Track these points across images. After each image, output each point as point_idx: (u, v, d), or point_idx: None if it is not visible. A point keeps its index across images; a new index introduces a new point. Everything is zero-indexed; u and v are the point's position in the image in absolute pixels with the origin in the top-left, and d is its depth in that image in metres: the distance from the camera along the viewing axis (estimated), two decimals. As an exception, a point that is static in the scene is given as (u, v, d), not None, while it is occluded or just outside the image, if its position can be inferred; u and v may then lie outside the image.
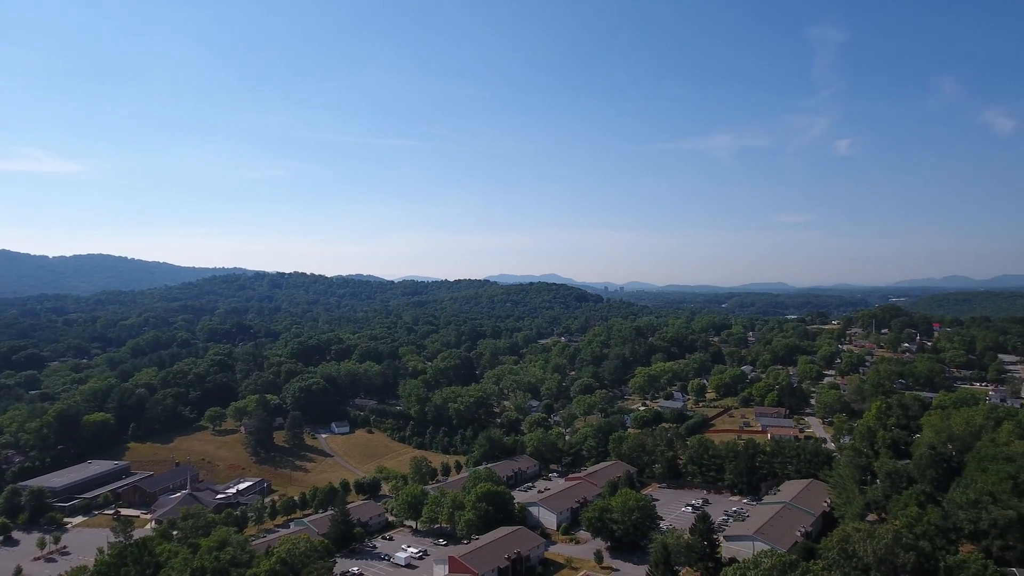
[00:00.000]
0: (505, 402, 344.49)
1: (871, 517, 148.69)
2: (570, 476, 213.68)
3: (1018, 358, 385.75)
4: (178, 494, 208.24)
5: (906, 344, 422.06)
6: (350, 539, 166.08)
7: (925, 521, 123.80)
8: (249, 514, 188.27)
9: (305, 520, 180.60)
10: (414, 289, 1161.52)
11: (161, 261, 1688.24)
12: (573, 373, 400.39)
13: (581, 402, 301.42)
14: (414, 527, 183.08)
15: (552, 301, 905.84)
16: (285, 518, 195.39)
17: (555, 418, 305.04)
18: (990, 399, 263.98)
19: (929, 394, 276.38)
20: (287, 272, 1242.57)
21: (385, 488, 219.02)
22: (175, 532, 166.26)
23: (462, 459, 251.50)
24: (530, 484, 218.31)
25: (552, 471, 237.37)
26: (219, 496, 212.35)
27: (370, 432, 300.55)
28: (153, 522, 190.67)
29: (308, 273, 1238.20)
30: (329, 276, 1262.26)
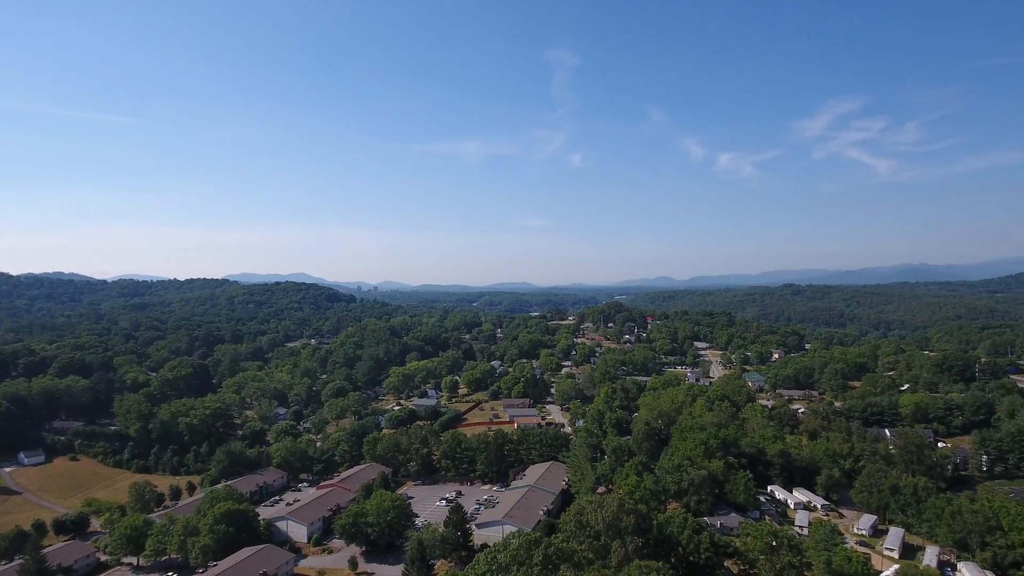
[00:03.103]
0: (248, 412, 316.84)
1: (601, 489, 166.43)
2: (322, 484, 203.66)
3: (708, 344, 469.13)
4: None
5: (627, 336, 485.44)
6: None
7: (642, 487, 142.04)
8: None
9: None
10: (134, 290, 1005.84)
11: None
12: (324, 376, 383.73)
13: (333, 406, 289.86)
14: (136, 563, 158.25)
15: (301, 302, 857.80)
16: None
17: (305, 425, 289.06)
18: (688, 379, 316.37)
19: (644, 378, 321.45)
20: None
21: (97, 523, 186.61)
22: None
23: (196, 479, 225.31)
24: (277, 497, 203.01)
25: (302, 481, 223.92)
26: None
27: (75, 459, 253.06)
28: None
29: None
30: (14, 274, 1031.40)
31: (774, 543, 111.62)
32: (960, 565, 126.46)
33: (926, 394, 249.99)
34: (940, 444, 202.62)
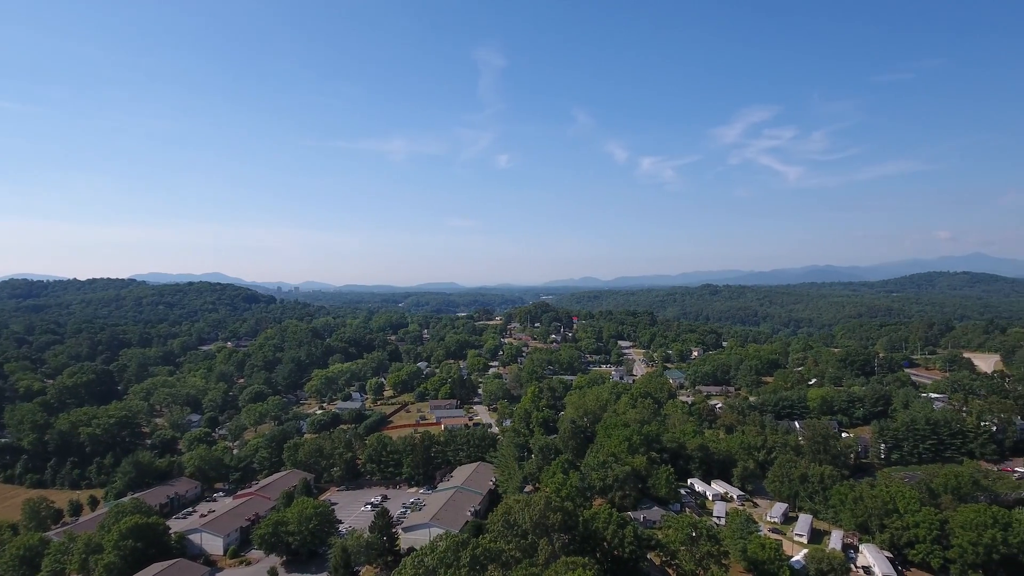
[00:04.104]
0: (157, 419, 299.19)
1: (528, 488, 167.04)
2: (239, 493, 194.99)
3: (631, 343, 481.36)
4: None
5: (553, 336, 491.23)
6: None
7: (568, 485, 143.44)
8: None
9: None
10: (27, 290, 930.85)
11: None
12: (242, 381, 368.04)
13: (251, 411, 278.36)
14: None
15: (216, 303, 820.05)
16: None
17: (221, 432, 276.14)
18: (613, 378, 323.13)
19: (570, 377, 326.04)
20: None
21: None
22: None
23: (99, 492, 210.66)
24: (191, 509, 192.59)
25: (218, 490, 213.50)
26: None
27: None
28: None
29: None
30: None
31: (694, 534, 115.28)
32: (862, 547, 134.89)
33: (831, 388, 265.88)
34: (844, 434, 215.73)
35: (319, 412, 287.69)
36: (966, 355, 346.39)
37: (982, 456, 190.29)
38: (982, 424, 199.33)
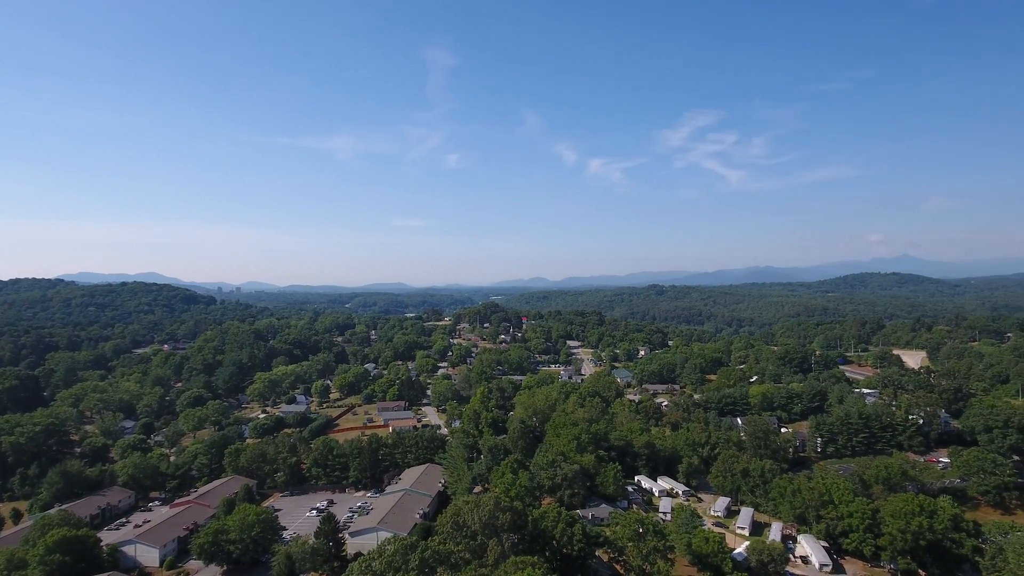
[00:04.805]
0: (88, 427, 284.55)
1: (478, 489, 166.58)
2: (176, 501, 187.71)
3: (580, 343, 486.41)
4: None
5: (503, 336, 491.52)
6: None
7: (518, 484, 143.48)
8: None
9: None
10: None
11: None
12: (180, 385, 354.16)
13: (190, 416, 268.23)
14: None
15: (152, 304, 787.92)
16: None
17: (157, 438, 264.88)
18: (562, 377, 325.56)
19: (520, 377, 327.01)
20: None
21: None
22: None
23: (23, 505, 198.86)
24: (124, 519, 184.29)
25: (154, 500, 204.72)
26: None
27: None
28: None
29: None
30: None
31: (641, 530, 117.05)
32: (800, 537, 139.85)
33: (771, 385, 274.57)
34: (783, 429, 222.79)
35: (262, 416, 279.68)
36: (895, 352, 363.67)
37: (910, 448, 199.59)
38: (910, 417, 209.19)
